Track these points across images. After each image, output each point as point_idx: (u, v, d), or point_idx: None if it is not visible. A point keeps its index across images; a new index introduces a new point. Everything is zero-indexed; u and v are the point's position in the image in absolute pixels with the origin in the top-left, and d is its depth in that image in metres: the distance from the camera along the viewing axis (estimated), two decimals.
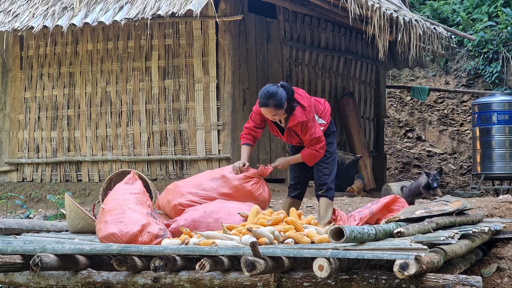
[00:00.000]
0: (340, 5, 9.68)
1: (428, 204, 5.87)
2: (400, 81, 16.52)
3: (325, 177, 6.16)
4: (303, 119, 5.95)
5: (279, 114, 5.96)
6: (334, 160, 6.24)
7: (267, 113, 5.96)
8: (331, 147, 6.21)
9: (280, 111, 5.91)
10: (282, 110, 5.91)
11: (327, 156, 6.17)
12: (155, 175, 10.00)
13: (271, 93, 5.88)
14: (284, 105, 5.88)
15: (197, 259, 4.44)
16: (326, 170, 6.17)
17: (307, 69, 11.38)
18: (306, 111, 5.96)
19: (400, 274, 3.98)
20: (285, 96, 5.89)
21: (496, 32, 15.33)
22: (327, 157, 6.17)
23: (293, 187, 6.37)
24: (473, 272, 6.09)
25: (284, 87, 5.93)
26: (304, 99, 6.03)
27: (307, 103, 6.01)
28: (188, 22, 9.85)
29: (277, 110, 5.90)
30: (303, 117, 5.95)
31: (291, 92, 5.94)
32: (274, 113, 5.94)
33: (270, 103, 5.87)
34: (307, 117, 5.95)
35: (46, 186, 10.40)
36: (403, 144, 15.92)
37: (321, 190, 6.14)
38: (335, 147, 6.28)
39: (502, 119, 12.51)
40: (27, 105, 10.83)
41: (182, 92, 9.94)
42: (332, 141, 6.25)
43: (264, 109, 5.95)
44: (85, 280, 4.81)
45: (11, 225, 6.14)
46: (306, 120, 5.95)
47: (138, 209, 5.53)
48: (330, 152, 6.19)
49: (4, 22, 10.23)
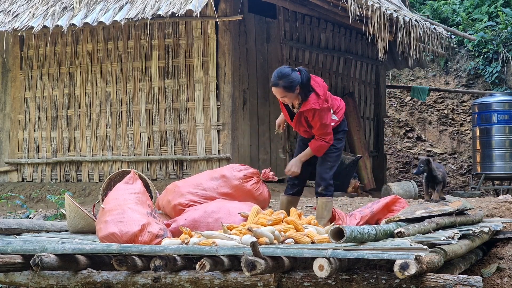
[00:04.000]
0: (340, 5, 9.68)
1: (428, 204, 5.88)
2: (400, 81, 16.52)
3: (326, 171, 6.10)
4: (316, 106, 5.86)
5: (289, 97, 5.86)
6: (338, 157, 6.21)
7: (277, 93, 5.86)
8: (338, 143, 6.16)
9: (290, 94, 5.82)
10: (292, 93, 5.82)
11: (333, 150, 6.12)
12: (155, 175, 10.00)
13: (283, 73, 5.81)
14: (295, 88, 5.79)
15: (197, 259, 4.44)
16: (329, 164, 6.12)
17: (307, 69, 11.33)
18: (320, 99, 5.88)
19: (400, 274, 3.98)
20: (298, 80, 5.80)
21: (496, 32, 15.33)
22: (333, 151, 6.12)
23: (291, 185, 6.32)
24: (473, 272, 6.09)
25: (301, 72, 5.86)
26: (320, 87, 5.94)
27: (323, 92, 5.93)
28: (188, 22, 9.85)
29: (286, 92, 5.81)
30: (316, 104, 5.86)
31: (307, 78, 5.85)
32: (283, 95, 5.84)
33: (280, 83, 5.79)
34: (320, 105, 5.87)
35: (46, 186, 10.40)
36: (403, 144, 15.92)
37: (320, 187, 6.11)
38: (342, 145, 6.23)
39: (502, 119, 12.51)
40: (27, 105, 10.83)
41: (182, 92, 9.94)
42: (341, 138, 6.19)
43: (274, 89, 5.86)
44: (85, 280, 4.81)
45: (11, 225, 6.15)
46: (319, 108, 5.86)
47: (138, 209, 5.53)
48: (336, 147, 6.14)
49: (4, 22, 10.22)
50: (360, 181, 11.77)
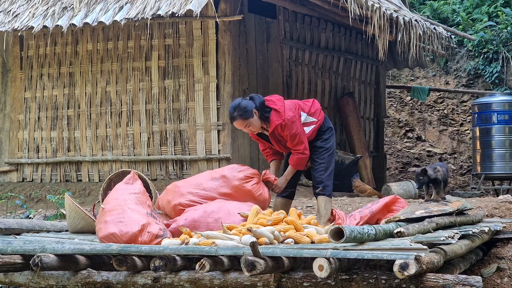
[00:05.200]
0: (340, 5, 9.68)
1: (428, 204, 5.87)
2: (400, 81, 16.52)
3: (321, 173, 6.15)
4: (279, 121, 6.01)
5: (252, 125, 6.05)
6: (331, 156, 6.23)
7: (239, 125, 6.08)
8: (327, 143, 6.22)
9: (249, 120, 6.01)
10: (252, 119, 6.00)
11: (323, 152, 6.18)
12: (155, 175, 10.00)
13: (234, 106, 6.05)
14: (252, 113, 5.99)
15: (197, 259, 4.44)
16: (322, 166, 6.17)
17: (307, 69, 11.38)
18: (280, 113, 6.02)
19: (400, 274, 3.98)
20: (250, 105, 6.00)
21: (496, 32, 15.33)
22: (323, 152, 6.18)
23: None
24: (473, 272, 6.09)
25: (252, 98, 6.08)
26: (275, 103, 6.10)
27: (279, 105, 6.07)
28: (188, 22, 9.85)
29: (246, 121, 6.01)
30: (279, 119, 6.02)
31: (261, 102, 6.05)
32: (245, 124, 6.04)
33: (236, 115, 6.01)
34: (283, 118, 6.01)
35: (46, 186, 10.40)
36: (403, 144, 15.92)
37: (318, 188, 6.15)
38: (332, 144, 6.27)
39: (502, 119, 12.51)
40: (27, 105, 10.83)
41: (182, 92, 9.94)
42: (328, 138, 6.25)
43: (235, 123, 6.08)
44: (85, 280, 4.81)
45: (11, 225, 6.15)
46: (282, 120, 6.01)
47: (138, 209, 5.53)
48: (326, 148, 6.20)
49: (4, 22, 10.22)
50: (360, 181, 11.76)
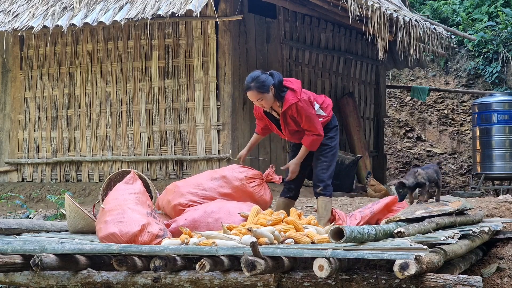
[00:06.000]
0: (340, 5, 9.68)
1: (428, 204, 5.87)
2: (400, 81, 16.52)
3: (323, 171, 6.11)
4: (295, 100, 5.94)
5: (265, 100, 5.95)
6: (334, 155, 6.21)
7: (252, 97, 5.97)
8: (332, 142, 6.18)
9: (264, 95, 5.92)
10: (267, 94, 5.91)
11: (327, 150, 6.15)
12: (155, 175, 10.00)
13: (253, 76, 5.96)
14: (268, 89, 5.90)
15: (197, 259, 4.45)
16: (325, 164, 6.13)
17: (307, 69, 11.38)
18: (296, 93, 5.97)
19: (400, 274, 3.98)
20: (269, 80, 5.92)
21: (496, 32, 15.33)
22: (327, 150, 6.15)
23: (287, 188, 6.34)
24: (473, 272, 6.09)
25: (273, 74, 5.98)
26: (293, 83, 6.04)
27: (296, 86, 6.02)
28: (188, 22, 9.85)
29: (260, 94, 5.91)
30: (294, 98, 5.95)
31: (279, 79, 5.96)
32: (258, 97, 5.94)
33: (252, 85, 5.91)
34: (298, 98, 5.95)
35: (46, 186, 10.40)
36: (403, 144, 15.92)
37: (319, 188, 6.11)
38: (336, 143, 6.24)
39: (502, 119, 12.51)
40: (27, 105, 10.83)
41: (182, 92, 9.94)
42: (334, 136, 6.21)
43: (249, 93, 5.97)
44: (85, 280, 4.81)
45: (11, 225, 6.15)
46: (298, 100, 5.95)
47: (138, 209, 5.54)
48: (330, 146, 6.16)
49: (4, 22, 10.22)
50: (360, 181, 11.76)
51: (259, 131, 6.43)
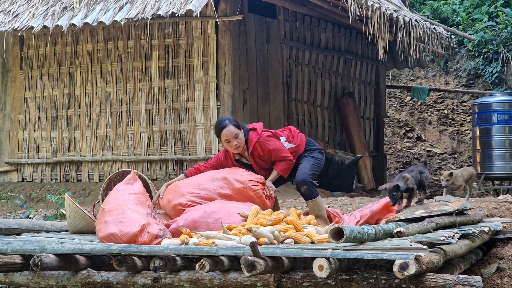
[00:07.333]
0: (340, 5, 9.68)
1: (428, 204, 5.87)
2: (400, 81, 16.52)
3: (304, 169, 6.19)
4: (256, 137, 6.19)
5: (239, 138, 6.15)
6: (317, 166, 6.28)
7: (229, 133, 6.14)
8: (315, 154, 6.32)
9: (239, 132, 6.16)
10: (240, 131, 6.17)
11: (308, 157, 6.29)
12: (155, 175, 10.00)
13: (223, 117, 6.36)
14: (240, 127, 6.18)
15: (197, 259, 4.45)
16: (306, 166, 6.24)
17: (307, 69, 11.38)
18: (257, 130, 6.24)
19: (400, 274, 3.98)
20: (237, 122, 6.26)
21: (496, 32, 15.33)
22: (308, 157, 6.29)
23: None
24: (473, 272, 6.09)
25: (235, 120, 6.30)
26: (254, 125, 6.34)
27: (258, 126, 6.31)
28: (188, 22, 9.85)
29: (237, 130, 6.16)
30: (256, 136, 6.21)
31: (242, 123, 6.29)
32: (235, 132, 6.14)
33: (227, 122, 6.17)
34: (259, 134, 6.21)
35: (46, 186, 10.40)
36: (403, 144, 15.92)
37: (303, 188, 6.15)
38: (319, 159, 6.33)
39: (502, 119, 12.50)
40: (27, 105, 10.83)
41: (182, 92, 9.94)
42: (318, 157, 6.32)
43: (225, 130, 6.15)
44: (85, 280, 4.81)
45: (11, 225, 6.15)
46: (260, 136, 6.20)
47: (138, 209, 5.54)
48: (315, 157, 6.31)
49: (4, 22, 10.22)
50: (360, 181, 11.76)
51: (189, 174, 6.44)
